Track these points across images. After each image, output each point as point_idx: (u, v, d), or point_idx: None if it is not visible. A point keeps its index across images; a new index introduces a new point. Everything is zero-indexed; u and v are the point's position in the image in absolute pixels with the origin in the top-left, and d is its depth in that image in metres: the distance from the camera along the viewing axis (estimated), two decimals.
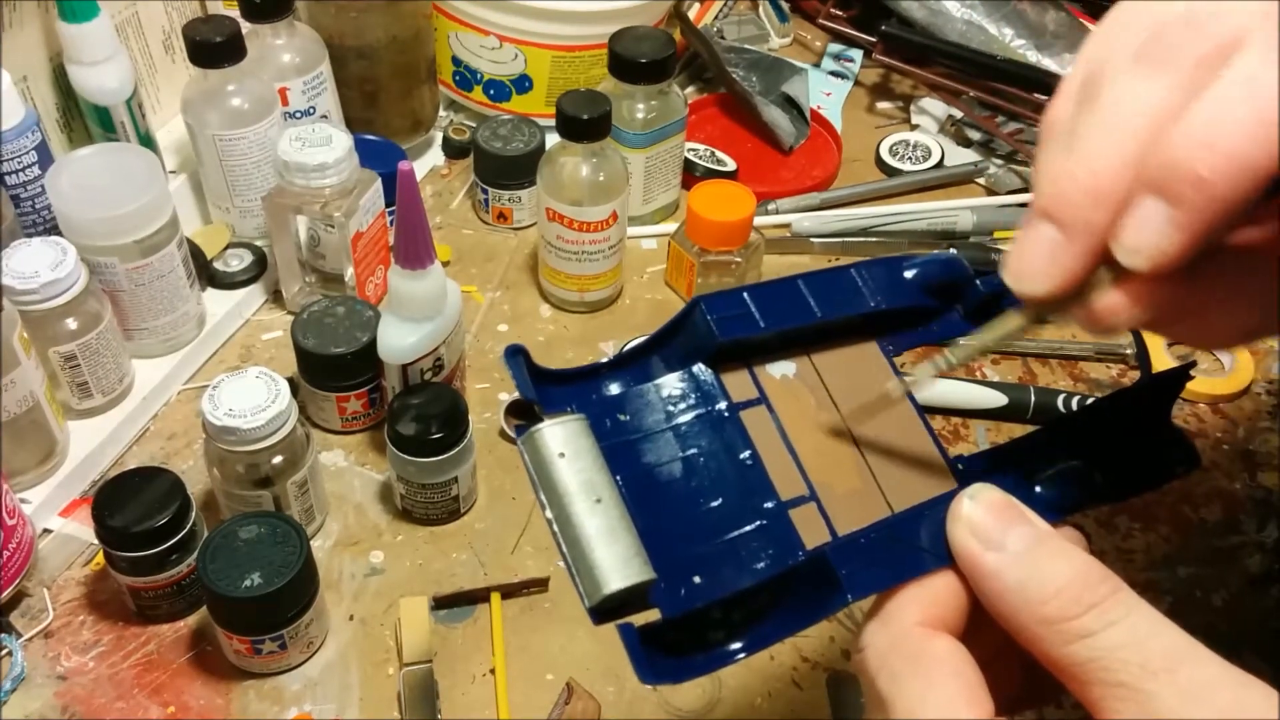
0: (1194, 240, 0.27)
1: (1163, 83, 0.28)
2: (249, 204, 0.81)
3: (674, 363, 0.35)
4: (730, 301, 0.35)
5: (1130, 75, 0.29)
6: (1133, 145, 0.28)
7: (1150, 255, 0.27)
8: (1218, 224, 0.27)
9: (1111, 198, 0.28)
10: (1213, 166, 0.26)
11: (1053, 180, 0.29)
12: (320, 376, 0.71)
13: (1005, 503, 0.31)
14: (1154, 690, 0.27)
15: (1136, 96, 0.28)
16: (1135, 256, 0.28)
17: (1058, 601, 0.28)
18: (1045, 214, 0.29)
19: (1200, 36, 0.28)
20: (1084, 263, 0.29)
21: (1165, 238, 0.27)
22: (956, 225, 0.89)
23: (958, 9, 1.01)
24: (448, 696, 0.61)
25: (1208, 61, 0.27)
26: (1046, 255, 0.29)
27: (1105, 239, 0.28)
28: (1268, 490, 0.73)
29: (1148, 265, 0.27)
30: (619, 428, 0.34)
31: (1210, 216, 0.26)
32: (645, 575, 0.30)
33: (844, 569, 0.31)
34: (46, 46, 0.76)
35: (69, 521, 0.67)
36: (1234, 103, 0.26)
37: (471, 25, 0.90)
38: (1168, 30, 0.28)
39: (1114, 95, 0.29)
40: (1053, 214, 0.29)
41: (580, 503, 0.31)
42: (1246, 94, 0.26)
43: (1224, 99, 0.26)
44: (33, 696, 0.60)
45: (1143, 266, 0.28)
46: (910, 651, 0.30)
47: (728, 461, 0.34)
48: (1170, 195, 0.27)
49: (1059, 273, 0.29)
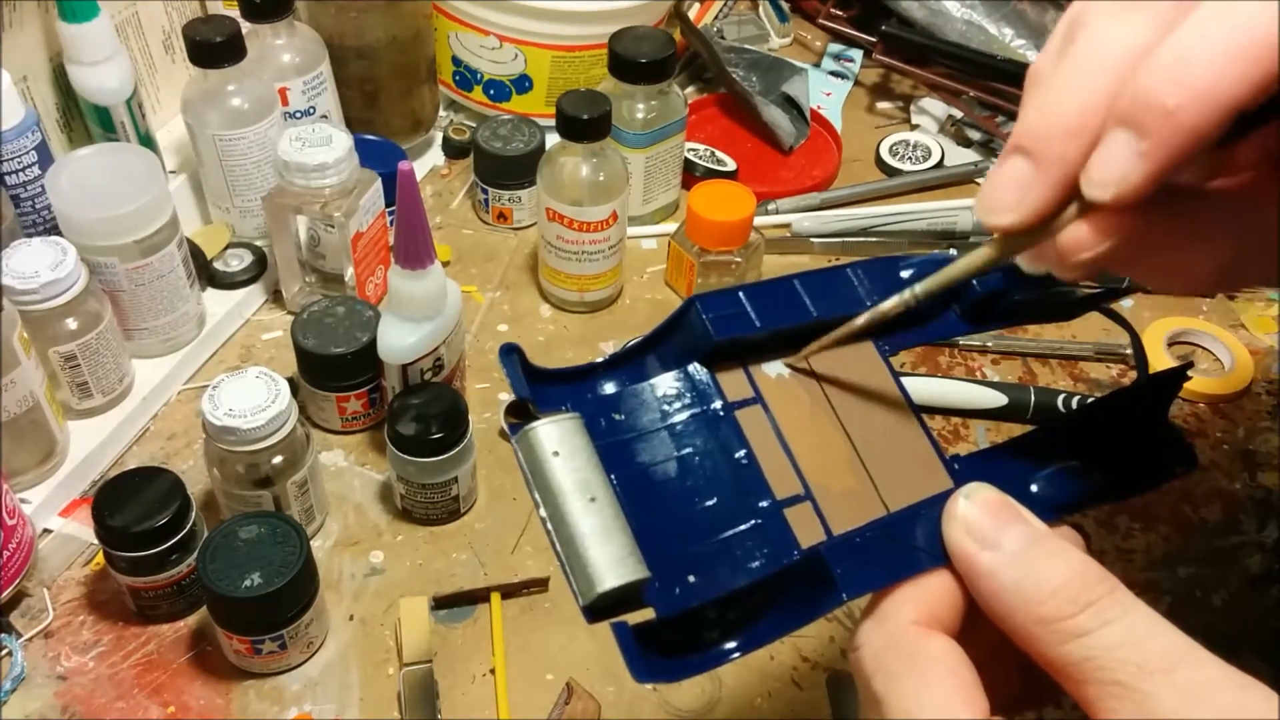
0: (1159, 172, 0.27)
1: (1138, 21, 0.28)
2: (249, 204, 0.81)
3: (669, 362, 0.35)
4: (726, 301, 0.35)
5: (1108, 16, 0.29)
6: (1106, 82, 0.28)
7: (1115, 186, 0.27)
8: (1183, 156, 0.27)
9: (1082, 132, 0.28)
10: (1180, 98, 0.26)
11: (1027, 116, 0.30)
12: (320, 376, 0.71)
13: (1001, 502, 0.31)
14: (1151, 690, 0.27)
15: (1112, 35, 0.28)
16: (1101, 188, 0.28)
17: (1054, 601, 0.28)
18: (1018, 148, 0.30)
19: None
20: (1053, 195, 0.29)
21: (1131, 169, 0.27)
22: (956, 225, 0.89)
23: (958, 9, 1.01)
24: (448, 696, 0.61)
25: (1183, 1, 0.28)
26: (1016, 187, 0.29)
27: (1075, 174, 0.29)
28: (1268, 490, 0.73)
29: (1112, 196, 0.28)
30: (614, 427, 0.34)
31: (1176, 148, 0.27)
32: (640, 574, 0.30)
33: (839, 568, 0.31)
34: (46, 46, 0.76)
35: (69, 521, 0.68)
36: (1203, 36, 0.26)
37: (471, 25, 0.90)
38: None
39: (1089, 35, 0.29)
40: (1025, 147, 0.29)
41: (574, 501, 0.31)
42: (1216, 28, 0.26)
43: (1194, 33, 0.27)
44: (33, 696, 0.60)
45: (1107, 198, 0.28)
46: (905, 651, 0.30)
47: (723, 461, 0.34)
48: (1138, 127, 0.27)
49: (1028, 205, 0.29)
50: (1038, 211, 0.29)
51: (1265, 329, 0.84)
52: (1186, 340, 0.83)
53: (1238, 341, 0.81)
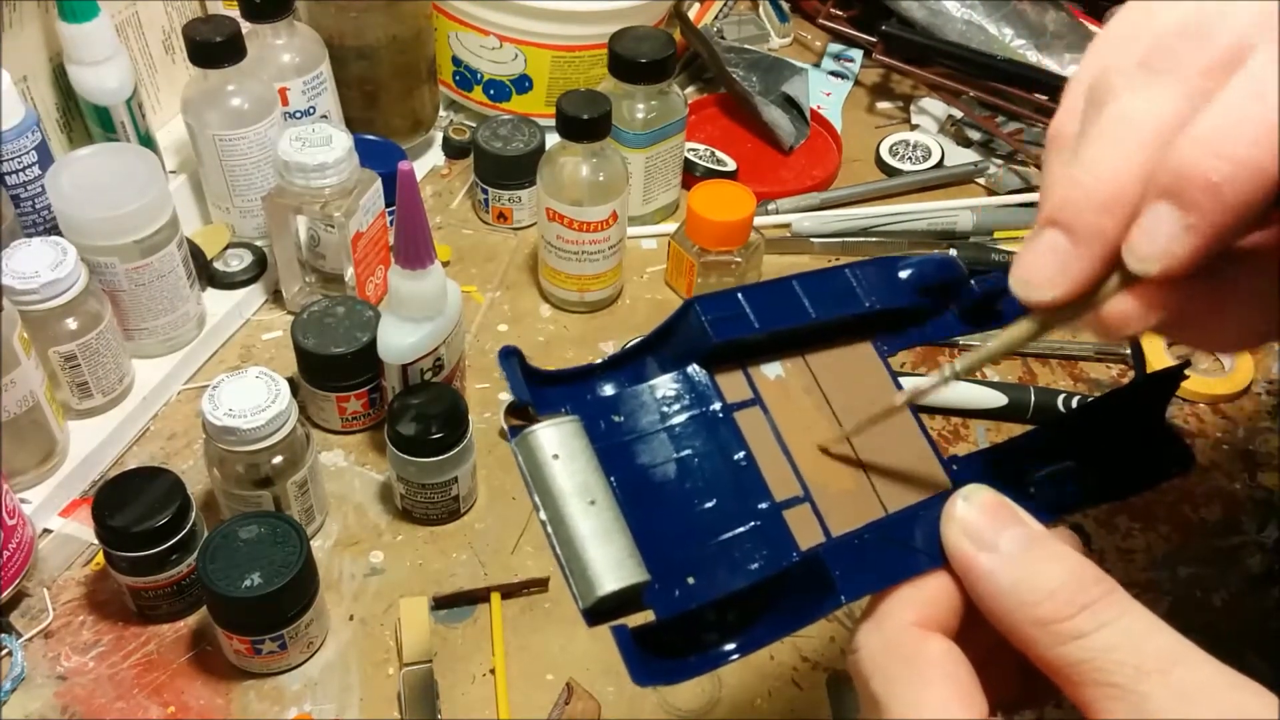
0: (1205, 245, 0.27)
1: (1169, 91, 0.28)
2: (249, 204, 0.81)
3: (668, 364, 0.35)
4: (725, 302, 0.34)
5: (1135, 84, 0.29)
6: (1140, 153, 0.28)
7: (1162, 261, 0.27)
8: (1229, 229, 0.27)
9: (1120, 205, 0.28)
10: (1223, 172, 0.26)
11: (1060, 188, 0.29)
12: (320, 376, 0.71)
13: (999, 503, 0.31)
14: (1147, 691, 0.27)
15: (1143, 105, 0.28)
16: (1147, 262, 0.28)
17: (1051, 603, 0.28)
18: (1053, 221, 0.29)
19: (1205, 44, 0.28)
20: (1093, 270, 0.29)
21: (1177, 243, 0.27)
22: (956, 225, 0.89)
23: (958, 9, 1.01)
24: (448, 696, 0.61)
25: (1213, 69, 0.28)
26: (1055, 263, 0.29)
27: (1114, 246, 0.28)
28: (1268, 490, 0.73)
29: (1159, 271, 0.27)
30: (613, 429, 0.34)
31: (1222, 221, 0.26)
32: (639, 577, 0.30)
33: (838, 570, 0.31)
34: (46, 46, 0.76)
35: (69, 521, 0.68)
36: (1243, 108, 0.26)
37: (471, 25, 0.90)
38: (1172, 38, 0.29)
39: (1120, 104, 0.29)
40: (1060, 221, 0.29)
41: (574, 504, 0.31)
42: (1255, 100, 0.26)
43: (1233, 105, 0.27)
44: (33, 696, 0.60)
45: (1154, 272, 0.28)
46: (904, 653, 0.30)
47: (722, 462, 0.34)
48: (1182, 201, 0.27)
49: (1068, 280, 0.29)
50: (1077, 286, 0.29)
51: None
52: None
53: (1228, 353, 0.81)
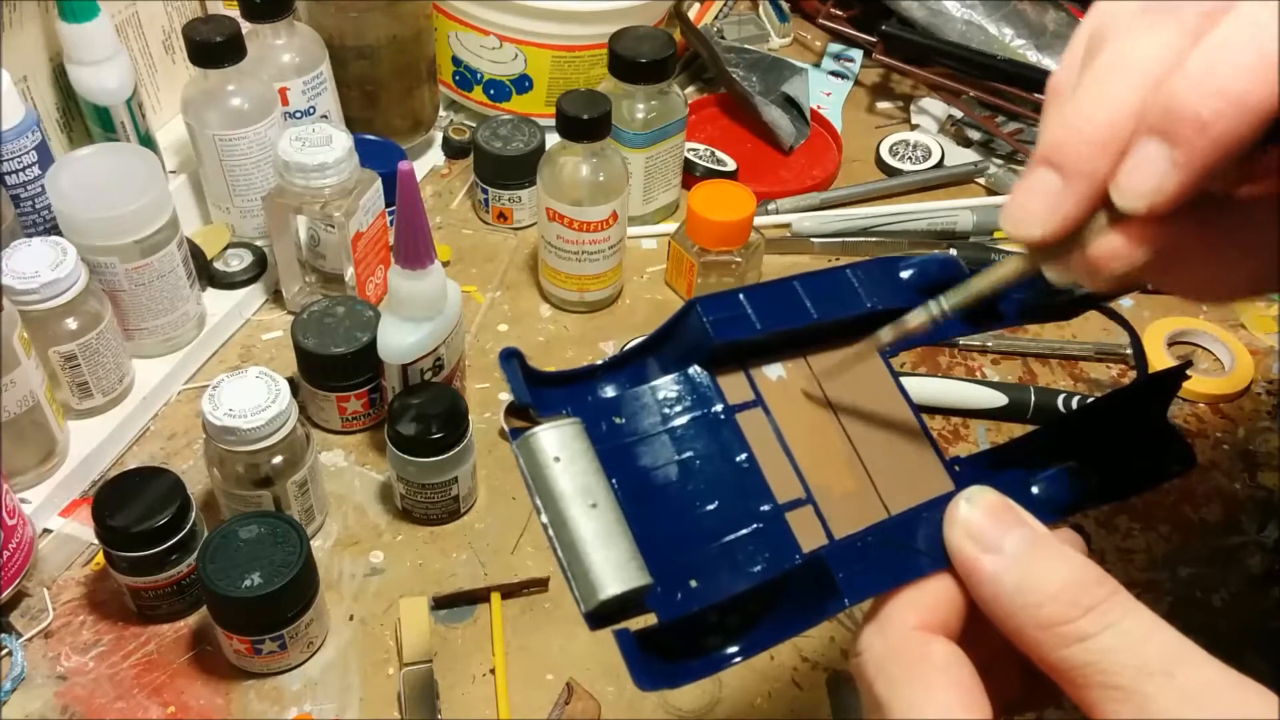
0: (1192, 181, 0.27)
1: (1165, 33, 0.28)
2: (249, 204, 0.81)
3: (670, 365, 0.35)
4: (726, 303, 0.34)
5: (1132, 29, 0.29)
6: (1134, 94, 0.28)
7: (1149, 196, 0.27)
8: (1216, 165, 0.27)
9: (1112, 144, 0.28)
10: (1213, 108, 0.26)
11: (1053, 129, 0.30)
12: (320, 376, 0.71)
13: (1002, 505, 0.31)
14: (1151, 693, 0.27)
15: (1139, 46, 0.29)
16: (1134, 199, 0.28)
17: (1054, 605, 0.28)
18: (1045, 160, 0.29)
19: None
20: (1082, 207, 0.29)
21: (1164, 178, 0.27)
22: (956, 225, 0.89)
23: (958, 9, 1.01)
24: (448, 696, 0.61)
25: (1209, 12, 0.28)
26: (1045, 200, 0.29)
27: (1104, 185, 0.29)
28: (1268, 490, 0.73)
29: (1145, 206, 0.28)
30: (615, 431, 0.34)
31: (1209, 157, 0.27)
32: (641, 580, 0.30)
33: (841, 572, 0.31)
34: (46, 46, 0.76)
35: (69, 521, 0.68)
36: (1235, 46, 0.26)
37: (471, 25, 0.90)
38: None
39: (1115, 48, 0.29)
40: (1052, 160, 0.29)
41: (576, 507, 0.30)
42: (1247, 37, 0.26)
43: (1225, 42, 0.27)
44: (33, 696, 0.60)
45: (1140, 208, 0.28)
46: (908, 656, 0.30)
47: (724, 464, 0.34)
48: (1170, 137, 0.27)
49: (1057, 217, 0.29)
50: (1067, 223, 0.29)
51: (1265, 329, 0.84)
52: (1186, 340, 0.83)
53: (1238, 341, 0.81)
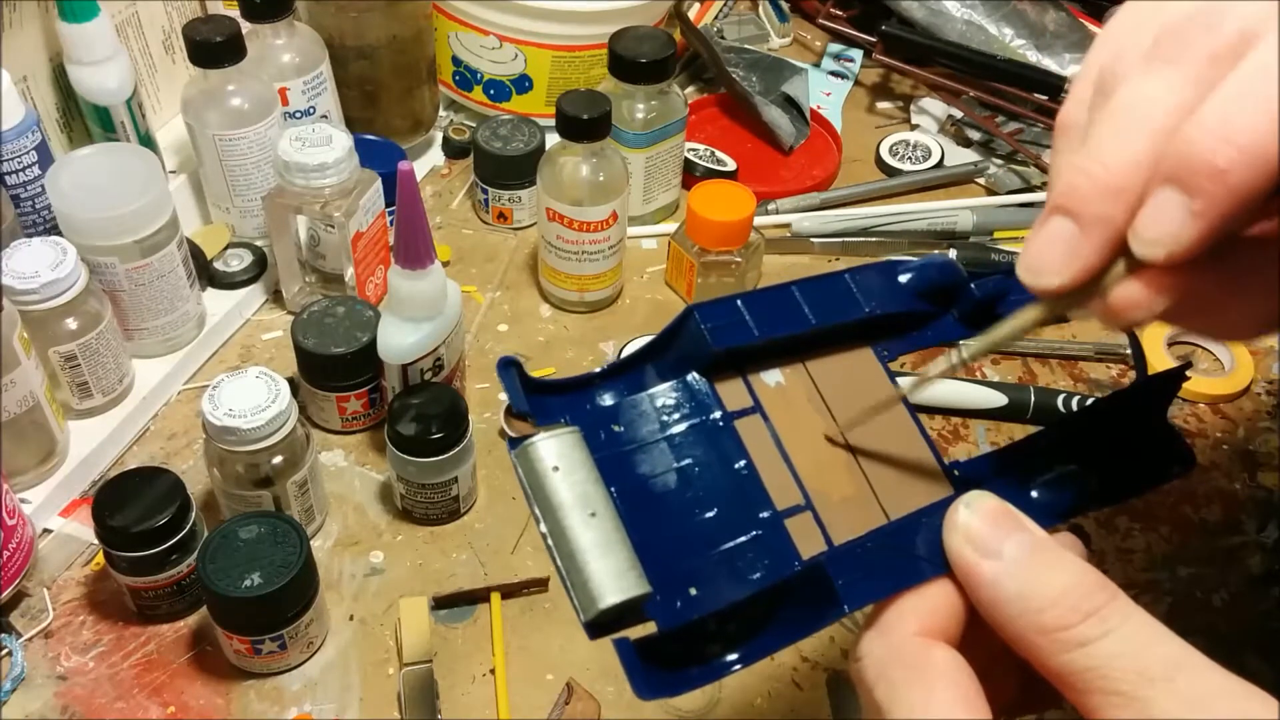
0: (1211, 230, 0.27)
1: (1176, 79, 0.28)
2: (249, 204, 0.81)
3: (668, 372, 0.35)
4: (724, 310, 0.34)
5: (1143, 73, 0.29)
6: (1147, 141, 0.28)
7: (1168, 246, 0.27)
8: (1234, 214, 0.27)
9: (1127, 192, 0.28)
10: (1229, 157, 0.26)
11: (1068, 177, 0.29)
12: (320, 376, 0.71)
13: (1002, 510, 0.31)
14: (1152, 698, 0.27)
15: (1150, 93, 0.28)
16: (1153, 248, 0.28)
17: (1055, 610, 0.28)
18: (1060, 209, 0.29)
19: (1212, 34, 0.28)
20: (1100, 256, 0.29)
21: (1183, 228, 0.27)
22: (956, 225, 0.89)
23: (958, 9, 1.01)
24: (448, 696, 0.61)
25: (1220, 57, 0.28)
26: (1062, 249, 0.29)
27: (1121, 233, 0.29)
28: (1268, 490, 0.73)
29: (1165, 256, 0.28)
30: (613, 439, 0.34)
31: (1227, 207, 0.27)
32: (641, 589, 0.30)
33: (840, 579, 0.31)
34: (46, 46, 0.76)
35: (69, 521, 0.68)
36: (1249, 95, 0.27)
37: (471, 25, 0.90)
38: (1179, 28, 0.29)
39: (1127, 93, 0.29)
40: (1068, 209, 0.29)
41: (575, 516, 0.30)
42: (1262, 86, 0.26)
43: (1239, 91, 0.27)
44: (33, 696, 0.60)
45: (1160, 258, 0.28)
46: (908, 662, 0.30)
47: (723, 471, 0.34)
48: (1187, 186, 0.27)
49: (1075, 266, 0.29)
50: (1084, 272, 0.29)
51: None
52: (1186, 340, 0.83)
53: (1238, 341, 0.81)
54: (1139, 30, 0.30)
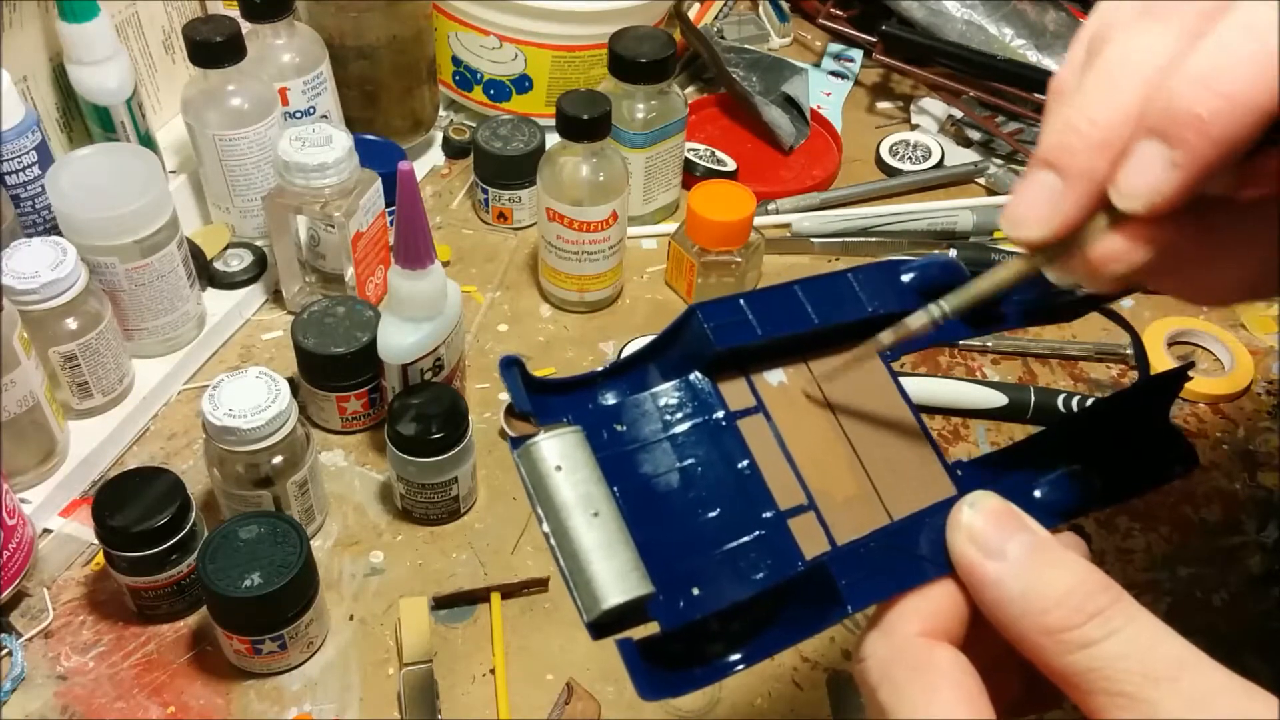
0: (1191, 182, 0.27)
1: (1165, 33, 0.28)
2: (249, 204, 0.81)
3: (670, 371, 0.35)
4: (726, 309, 0.34)
5: (1132, 30, 0.29)
6: (1134, 94, 0.28)
7: (1147, 197, 0.27)
8: (1215, 166, 0.27)
9: (1112, 145, 0.28)
10: (1212, 107, 0.26)
11: (1054, 130, 0.29)
12: (320, 376, 0.71)
13: (1005, 510, 0.31)
14: (1156, 699, 0.27)
15: (1138, 47, 0.28)
16: (1133, 200, 0.28)
17: (1059, 611, 0.28)
18: (1045, 162, 0.29)
19: None
20: (1082, 208, 0.29)
21: (1163, 179, 0.27)
22: (956, 225, 0.89)
23: (958, 9, 1.01)
24: (448, 696, 0.61)
25: (1209, 13, 0.28)
26: (1045, 201, 0.29)
27: (1104, 186, 0.29)
28: (1268, 490, 0.73)
29: (1145, 207, 0.28)
30: (616, 438, 0.34)
31: (1208, 158, 0.27)
32: (643, 589, 0.30)
33: (843, 579, 0.31)
34: (46, 46, 0.76)
35: (69, 521, 0.68)
36: (1233, 45, 0.26)
37: (471, 25, 0.90)
38: None
39: (1116, 48, 0.29)
40: (1052, 161, 0.29)
41: (577, 516, 0.30)
42: (1245, 37, 0.26)
43: (1223, 42, 0.27)
44: (33, 696, 0.60)
45: (1139, 209, 0.28)
46: (912, 662, 0.30)
47: (725, 471, 0.34)
48: (1169, 137, 0.27)
49: (1057, 218, 0.29)
50: (1067, 224, 0.29)
51: (1265, 329, 0.84)
52: (1186, 340, 0.83)
53: (1238, 341, 0.81)
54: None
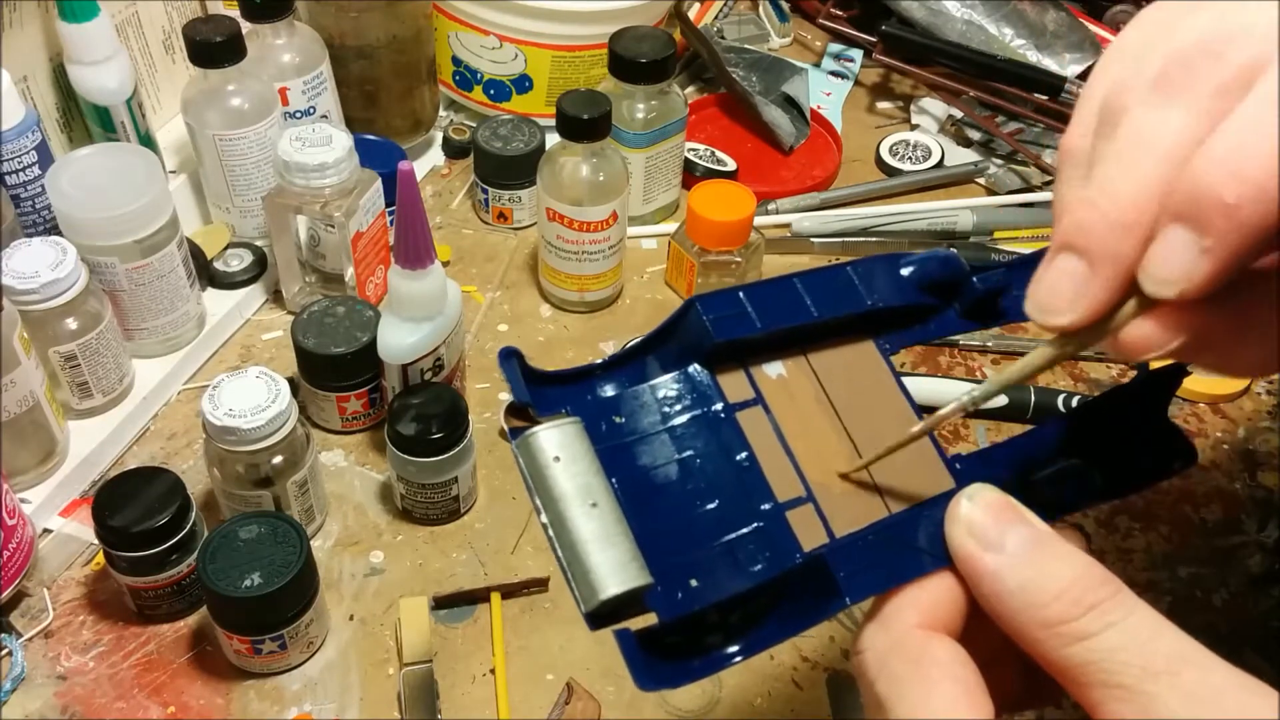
0: (1222, 267, 0.27)
1: (1183, 111, 0.28)
2: (249, 204, 0.81)
3: (670, 363, 0.35)
4: (726, 301, 0.34)
5: (1149, 104, 0.28)
6: (1155, 174, 0.27)
7: (1179, 284, 0.27)
8: (1246, 250, 0.26)
9: (1136, 227, 0.28)
10: (1238, 193, 0.26)
11: (1074, 211, 0.29)
12: (320, 376, 0.71)
13: (1004, 503, 0.31)
14: (1155, 692, 0.27)
15: (1157, 125, 0.28)
16: (1164, 286, 0.27)
17: (1058, 604, 0.28)
18: (1068, 245, 0.29)
19: (1219, 64, 0.28)
20: (1110, 293, 0.29)
21: (1193, 266, 0.27)
22: (956, 225, 0.89)
23: (958, 9, 1.01)
24: (448, 696, 0.61)
25: (1228, 89, 0.27)
26: (1071, 287, 0.29)
27: (1131, 269, 0.28)
28: (1268, 490, 0.73)
29: (1177, 294, 0.27)
30: (614, 430, 0.34)
31: (1238, 243, 0.26)
32: (642, 580, 0.30)
33: (842, 571, 0.31)
34: (46, 46, 0.76)
35: (69, 521, 0.67)
36: (1258, 128, 0.26)
37: (471, 25, 0.90)
38: (1186, 58, 0.28)
39: (1133, 124, 0.28)
40: (1076, 245, 0.29)
41: (576, 507, 0.30)
42: (1270, 119, 0.26)
43: (1248, 124, 0.26)
44: (33, 696, 0.60)
45: (1172, 295, 0.27)
46: (910, 655, 0.30)
47: (724, 463, 0.34)
48: (1197, 223, 0.26)
49: (1085, 304, 0.29)
50: (1095, 310, 0.29)
51: None
52: None
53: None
54: (1145, 56, 0.29)
